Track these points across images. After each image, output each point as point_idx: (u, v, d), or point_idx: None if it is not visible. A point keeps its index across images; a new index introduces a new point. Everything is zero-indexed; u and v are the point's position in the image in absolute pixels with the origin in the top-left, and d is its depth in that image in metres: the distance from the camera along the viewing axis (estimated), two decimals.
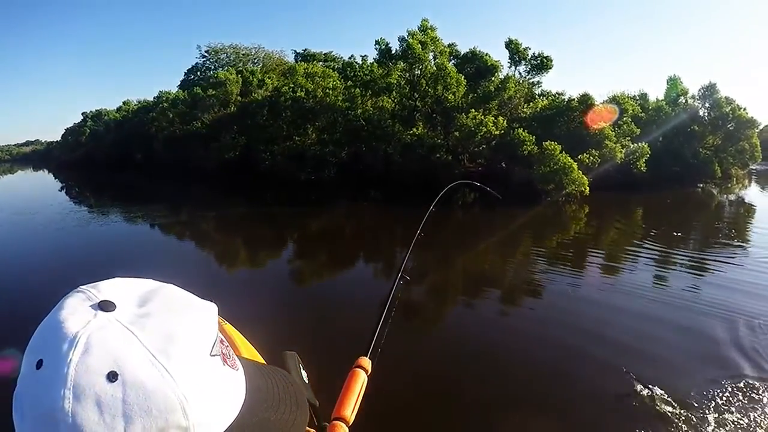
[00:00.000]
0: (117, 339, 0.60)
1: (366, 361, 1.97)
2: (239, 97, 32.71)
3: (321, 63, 36.72)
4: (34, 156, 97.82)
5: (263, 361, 3.36)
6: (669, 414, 4.81)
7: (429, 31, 22.63)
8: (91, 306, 0.63)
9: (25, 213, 19.86)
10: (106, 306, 0.63)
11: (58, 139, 79.49)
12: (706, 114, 28.15)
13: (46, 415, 0.57)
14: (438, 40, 22.85)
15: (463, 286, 9.83)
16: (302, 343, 4.95)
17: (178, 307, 0.67)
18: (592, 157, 19.88)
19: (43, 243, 13.92)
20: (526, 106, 23.88)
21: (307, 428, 2.60)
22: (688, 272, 10.30)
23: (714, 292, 8.58)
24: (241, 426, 0.69)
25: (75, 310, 0.63)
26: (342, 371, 6.01)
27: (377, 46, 23.75)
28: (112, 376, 0.58)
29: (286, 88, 28.03)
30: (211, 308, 0.72)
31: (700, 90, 28.29)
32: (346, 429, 1.55)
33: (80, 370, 0.57)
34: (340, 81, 27.61)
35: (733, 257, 11.50)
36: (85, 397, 0.57)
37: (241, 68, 40.00)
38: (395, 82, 23.87)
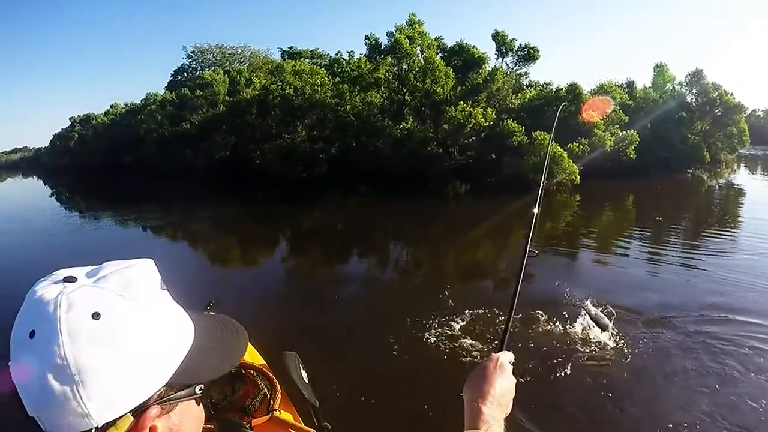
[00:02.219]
0: (90, 292, 0.75)
1: None
2: (227, 97, 32.62)
3: (307, 60, 36.60)
4: (23, 163, 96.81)
5: (262, 360, 3.36)
6: None
7: (416, 25, 22.61)
8: (56, 283, 0.76)
9: (18, 220, 19.76)
10: (69, 279, 0.76)
11: (47, 145, 78.93)
12: (694, 100, 28.31)
13: (52, 367, 0.69)
14: (425, 35, 22.84)
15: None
16: (302, 343, 5.00)
17: (124, 266, 0.82)
18: (581, 146, 19.96)
19: (38, 250, 13.88)
20: (514, 97, 23.92)
21: (308, 428, 2.62)
22: (677, 253, 10.48)
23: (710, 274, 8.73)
24: (200, 343, 0.85)
25: (46, 289, 0.76)
26: (341, 371, 5.97)
27: (366, 41, 23.73)
28: (96, 315, 0.72)
29: (274, 86, 27.97)
30: (148, 261, 0.86)
31: (687, 76, 28.47)
32: None
33: (69, 320, 0.71)
34: (327, 77, 27.57)
35: (723, 238, 11.64)
36: (79, 337, 0.70)
37: (228, 68, 39.89)
38: (383, 77, 23.86)
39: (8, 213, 23.03)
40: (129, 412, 0.73)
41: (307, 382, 2.74)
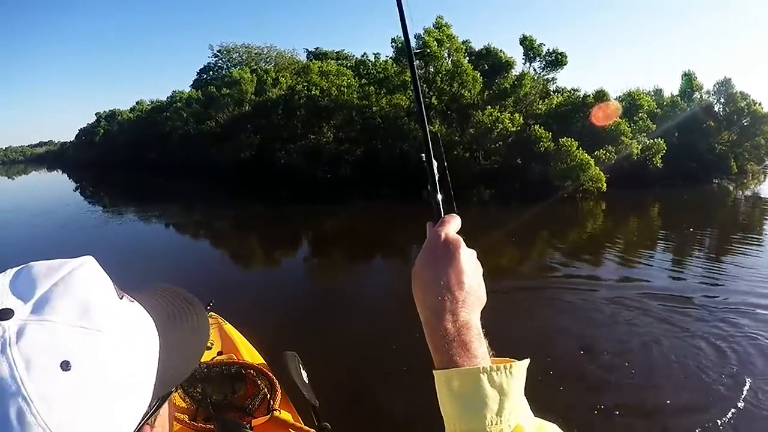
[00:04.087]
0: (42, 334, 0.59)
1: None
2: (254, 96, 32.82)
3: (333, 61, 36.73)
4: (48, 156, 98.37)
5: (262, 360, 3.36)
6: None
7: (444, 28, 22.62)
8: None
9: (43, 214, 20.02)
10: (4, 315, 0.59)
11: (72, 139, 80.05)
12: (721, 109, 27.98)
13: None
14: (453, 38, 22.83)
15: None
16: (303, 344, 5.02)
17: (63, 276, 0.66)
18: (608, 153, 19.85)
19: (62, 243, 14.05)
20: (541, 102, 23.81)
21: (307, 428, 2.64)
22: (705, 267, 10.41)
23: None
24: (166, 343, 0.72)
25: None
26: (341, 371, 5.98)
27: (393, 43, 23.79)
28: (65, 366, 0.57)
29: (300, 86, 28.10)
30: (89, 260, 0.71)
31: (714, 85, 28.12)
32: None
33: (36, 383, 0.56)
34: (354, 79, 27.64)
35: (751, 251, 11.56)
36: (55, 400, 0.56)
37: (254, 67, 40.09)
38: (410, 79, 23.84)
39: (33, 206, 23.36)
40: None
41: (307, 382, 2.78)
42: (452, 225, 0.92)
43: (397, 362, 5.79)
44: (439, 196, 1.07)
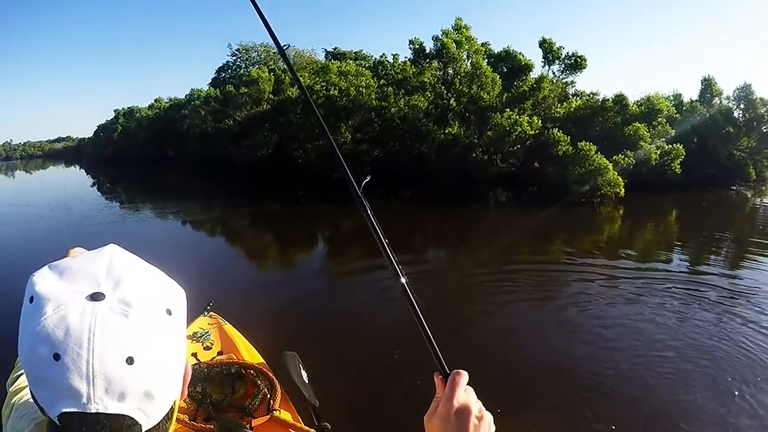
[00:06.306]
0: (140, 295, 0.71)
1: None
2: (272, 96, 32.93)
3: (352, 61, 36.75)
4: (66, 152, 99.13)
5: (262, 360, 3.39)
6: None
7: (463, 30, 22.62)
8: (87, 298, 0.68)
9: (61, 209, 20.23)
10: (98, 296, 0.68)
11: (90, 135, 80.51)
12: (741, 115, 27.70)
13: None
14: (472, 39, 22.83)
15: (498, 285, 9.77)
16: (304, 344, 5.04)
17: (109, 256, 0.77)
18: (627, 158, 19.74)
19: (80, 239, 14.14)
20: (559, 105, 23.72)
21: (307, 428, 2.69)
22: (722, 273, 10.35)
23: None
24: None
25: (74, 306, 0.67)
26: (342, 371, 6.02)
27: (411, 45, 23.82)
28: (168, 312, 0.74)
29: (319, 86, 28.16)
30: (114, 246, 0.83)
31: (734, 91, 27.83)
32: None
33: (157, 330, 0.71)
34: (373, 80, 27.68)
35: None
36: (170, 340, 0.73)
37: (272, 66, 40.18)
38: (428, 81, 23.88)
39: (51, 201, 23.58)
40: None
41: (307, 382, 2.81)
42: (462, 384, 0.99)
43: (398, 362, 5.79)
44: (403, 280, 1.21)
